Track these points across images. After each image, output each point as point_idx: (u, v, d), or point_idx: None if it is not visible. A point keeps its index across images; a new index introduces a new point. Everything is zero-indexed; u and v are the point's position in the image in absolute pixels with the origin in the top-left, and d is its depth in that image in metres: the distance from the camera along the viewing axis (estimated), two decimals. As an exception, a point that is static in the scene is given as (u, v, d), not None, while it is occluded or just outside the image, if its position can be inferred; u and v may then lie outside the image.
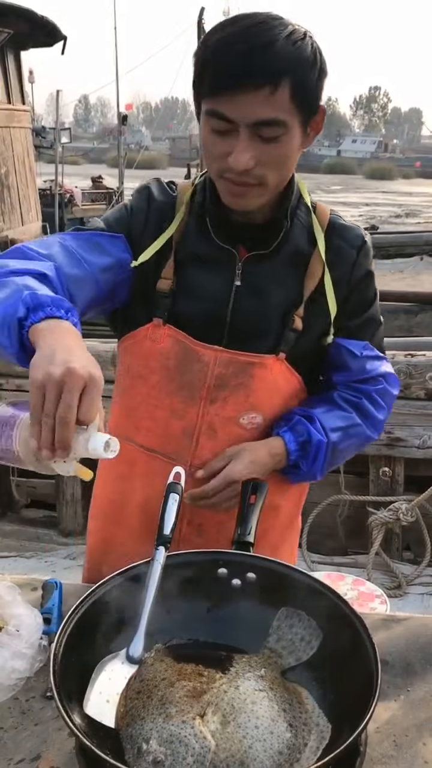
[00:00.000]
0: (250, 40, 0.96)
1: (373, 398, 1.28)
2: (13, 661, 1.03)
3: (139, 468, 1.28)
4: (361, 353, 1.26)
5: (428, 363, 3.02)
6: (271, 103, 0.98)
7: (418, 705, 1.00)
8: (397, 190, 38.01)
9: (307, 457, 1.20)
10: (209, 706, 0.83)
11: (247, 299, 1.18)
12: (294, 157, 1.08)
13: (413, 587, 3.01)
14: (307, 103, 1.02)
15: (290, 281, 1.19)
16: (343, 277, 1.21)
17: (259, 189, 1.07)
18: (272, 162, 1.04)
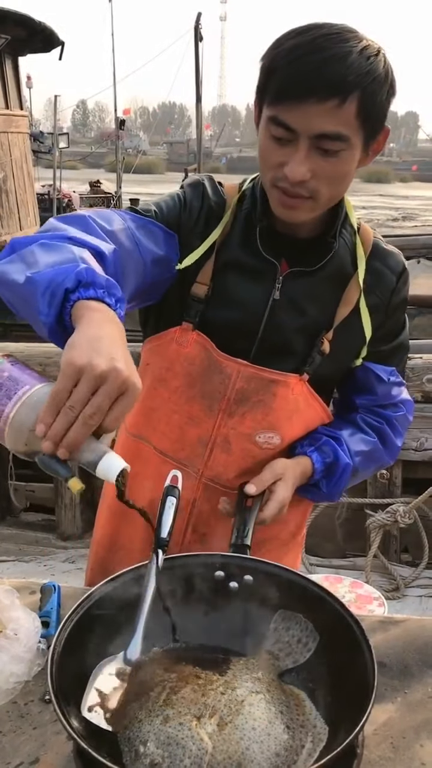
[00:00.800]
0: (323, 50, 0.94)
1: (394, 425, 1.29)
2: (11, 665, 1.03)
3: (151, 469, 1.26)
4: (388, 379, 1.26)
5: (425, 366, 3.03)
6: (337, 116, 0.96)
7: (415, 707, 1.01)
8: (394, 194, 38.09)
9: (331, 478, 1.21)
10: (206, 709, 0.83)
11: (283, 314, 1.16)
12: (351, 174, 1.05)
13: (411, 589, 3.01)
14: (372, 121, 1.00)
15: (326, 302, 1.18)
16: (381, 303, 1.20)
17: (311, 203, 1.05)
18: (328, 177, 1.02)
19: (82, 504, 3.56)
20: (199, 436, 1.21)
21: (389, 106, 1.02)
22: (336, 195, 1.07)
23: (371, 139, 1.03)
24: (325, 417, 1.25)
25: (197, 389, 1.19)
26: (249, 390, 1.17)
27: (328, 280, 1.17)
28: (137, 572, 0.97)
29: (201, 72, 11.86)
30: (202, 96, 11.99)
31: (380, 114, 1.01)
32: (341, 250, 1.17)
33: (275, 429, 1.19)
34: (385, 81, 0.98)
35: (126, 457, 1.33)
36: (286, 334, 1.17)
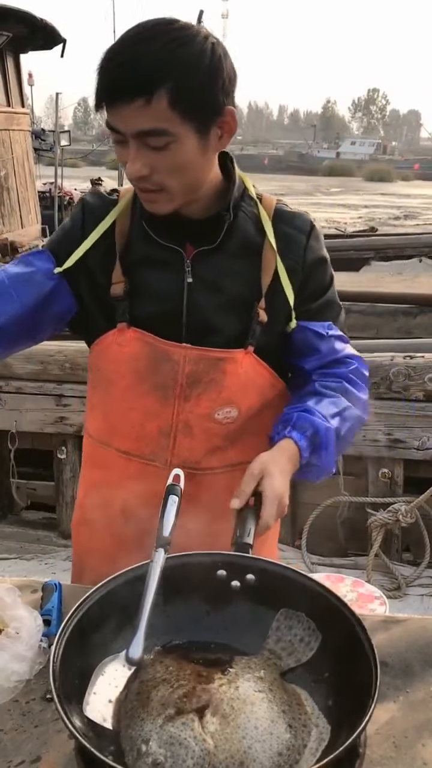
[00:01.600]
0: (123, 52, 0.99)
1: (352, 380, 1.26)
2: (13, 663, 1.03)
3: (117, 471, 1.28)
4: (327, 333, 1.26)
5: (427, 364, 3.03)
6: (148, 113, 0.99)
7: (417, 706, 1.00)
8: (396, 192, 38.05)
9: (320, 450, 1.17)
10: (209, 707, 0.83)
11: (201, 295, 1.19)
12: (194, 161, 1.07)
13: (413, 588, 3.01)
14: (196, 108, 1.02)
15: (245, 274, 1.20)
16: (296, 264, 1.21)
17: (165, 195, 1.09)
18: (167, 169, 1.05)
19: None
20: (160, 428, 1.23)
21: (222, 87, 1.04)
22: (188, 182, 1.09)
23: (207, 124, 1.05)
24: (275, 382, 1.26)
25: (148, 383, 1.21)
26: (199, 371, 1.19)
27: (239, 253, 1.19)
28: (139, 571, 0.97)
29: (203, 70, 11.84)
30: (203, 94, 11.98)
31: (204, 99, 1.03)
32: (243, 223, 1.19)
33: (231, 403, 1.22)
34: (198, 66, 1.00)
35: (94, 465, 1.34)
36: (209, 314, 1.19)
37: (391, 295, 6.31)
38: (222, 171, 1.20)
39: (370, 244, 9.74)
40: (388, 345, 3.54)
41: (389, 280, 7.48)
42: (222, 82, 1.04)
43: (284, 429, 1.18)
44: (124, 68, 0.98)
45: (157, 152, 1.03)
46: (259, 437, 1.24)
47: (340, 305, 1.31)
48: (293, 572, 0.99)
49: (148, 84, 0.98)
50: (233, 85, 1.08)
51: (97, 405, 1.32)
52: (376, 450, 3.08)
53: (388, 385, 3.03)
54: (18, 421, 3.46)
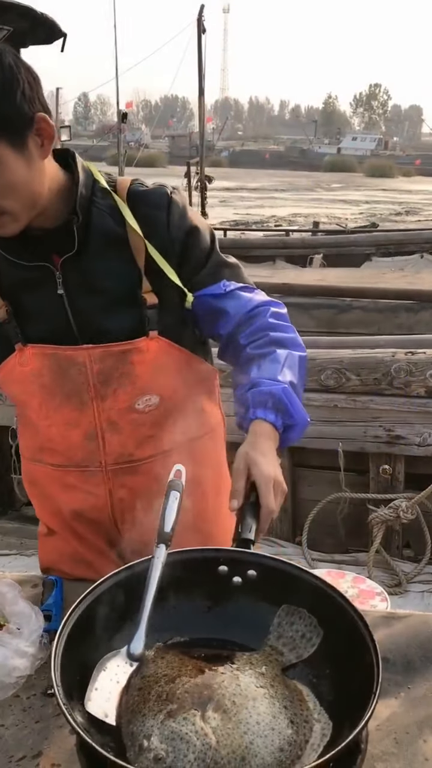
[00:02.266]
0: None
1: (274, 325, 1.22)
2: (13, 659, 1.04)
3: (56, 485, 1.30)
4: (225, 290, 1.22)
5: (428, 360, 3.03)
6: None
7: (418, 702, 1.00)
8: (397, 188, 37.99)
9: (288, 411, 1.14)
10: (210, 703, 0.83)
11: (82, 301, 1.18)
12: (21, 177, 1.05)
13: (413, 585, 3.01)
14: (3, 126, 1.01)
15: (118, 267, 1.18)
16: (164, 241, 1.18)
17: (8, 217, 1.07)
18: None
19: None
20: (85, 433, 1.22)
21: (17, 98, 1.02)
22: (26, 198, 1.07)
23: (20, 138, 1.03)
24: (191, 360, 1.26)
25: (59, 395, 1.20)
26: (108, 368, 1.18)
27: (103, 248, 1.17)
28: (141, 566, 0.97)
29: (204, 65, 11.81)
30: (204, 89, 11.94)
31: (8, 114, 1.01)
32: (99, 218, 1.17)
33: (149, 391, 1.21)
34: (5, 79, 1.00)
35: (34, 482, 1.36)
36: (96, 317, 1.18)
37: (393, 291, 6.31)
38: (66, 170, 1.17)
39: (371, 239, 9.73)
40: (390, 341, 3.54)
41: (390, 276, 7.48)
42: (22, 92, 1.03)
43: (246, 412, 1.15)
44: None
45: None
46: (192, 417, 1.25)
47: (232, 264, 1.27)
48: (295, 568, 0.99)
49: None
50: (35, 89, 1.06)
51: (21, 427, 1.34)
52: (377, 446, 3.08)
53: (390, 381, 3.03)
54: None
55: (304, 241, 9.87)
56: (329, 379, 3.08)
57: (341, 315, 6.31)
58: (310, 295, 6.44)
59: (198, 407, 1.25)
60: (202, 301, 1.22)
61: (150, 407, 1.23)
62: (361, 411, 3.07)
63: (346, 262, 8.72)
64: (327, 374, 3.08)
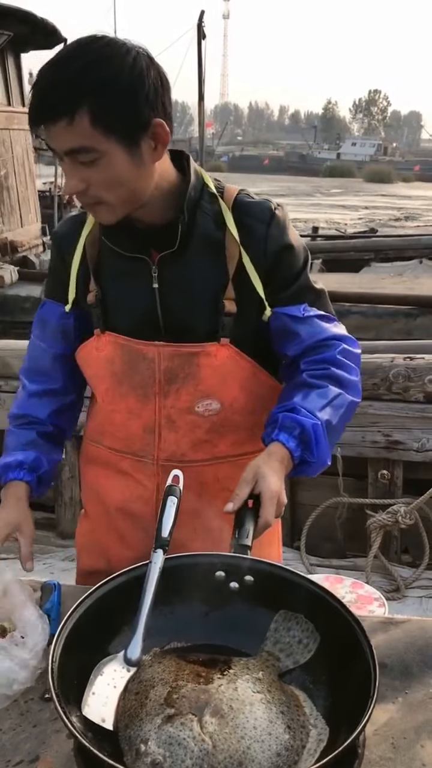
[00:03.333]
0: (48, 75, 1.03)
1: (339, 362, 1.23)
2: (16, 672, 1.03)
3: (112, 468, 1.33)
4: (303, 314, 1.24)
5: (427, 366, 3.03)
6: (72, 132, 1.03)
7: (416, 708, 1.01)
8: (396, 194, 38.07)
9: (310, 446, 1.16)
10: (207, 707, 0.83)
11: (172, 298, 1.22)
12: (127, 175, 1.08)
13: (412, 590, 3.01)
14: (119, 125, 1.04)
15: (211, 270, 1.21)
16: (258, 253, 1.21)
17: (105, 207, 1.12)
18: (101, 183, 1.08)
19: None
20: (144, 426, 1.26)
21: (141, 101, 1.05)
22: (127, 195, 1.11)
23: (135, 138, 1.07)
24: (259, 374, 1.27)
25: (126, 384, 1.25)
26: (175, 367, 1.22)
27: (202, 250, 1.20)
28: (138, 572, 0.97)
29: (204, 70, 11.84)
30: (204, 94, 11.97)
31: (126, 114, 1.04)
32: (202, 221, 1.20)
33: (211, 396, 1.23)
34: (115, 84, 1.02)
35: (90, 462, 1.41)
36: (184, 314, 1.22)
37: (392, 297, 6.32)
38: (179, 170, 1.21)
39: (370, 245, 9.74)
40: (389, 346, 3.53)
41: (389, 282, 7.49)
42: (146, 95, 1.05)
43: (272, 432, 1.17)
44: (46, 91, 1.03)
45: (89, 168, 1.06)
46: (250, 431, 1.26)
47: (319, 290, 1.28)
48: (292, 573, 1.00)
49: (67, 105, 1.01)
50: (161, 95, 1.08)
51: (91, 406, 1.40)
52: (376, 451, 3.08)
53: (388, 387, 3.03)
54: (17, 421, 3.46)
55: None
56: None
57: (340, 320, 6.31)
58: (309, 300, 6.43)
59: (259, 422, 1.23)
60: (278, 318, 1.24)
61: (210, 412, 1.24)
62: (360, 416, 3.07)
63: (345, 268, 8.73)
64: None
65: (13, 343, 3.52)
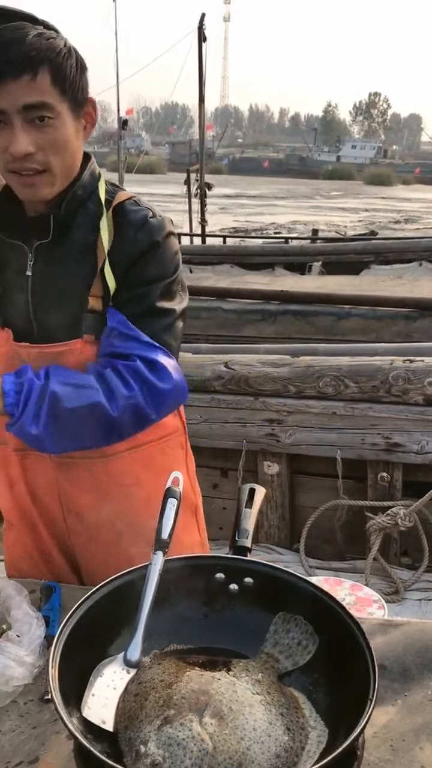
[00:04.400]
0: (7, 34, 1.10)
1: (120, 371, 1.18)
2: (13, 669, 1.03)
3: (16, 469, 1.33)
4: (112, 326, 1.21)
5: (427, 368, 3.03)
6: (34, 88, 1.09)
7: (415, 710, 1.01)
8: (396, 196, 38.10)
9: (19, 402, 1.14)
10: (207, 709, 0.83)
11: (42, 287, 1.24)
12: (72, 143, 1.17)
13: (411, 593, 3.01)
14: (70, 91, 1.13)
15: (81, 268, 1.24)
16: (123, 254, 1.23)
17: (48, 176, 1.16)
18: (50, 145, 1.13)
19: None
20: None
21: (85, 81, 1.17)
22: (67, 164, 1.17)
23: (79, 108, 1.17)
24: None
25: None
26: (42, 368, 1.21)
27: (76, 247, 1.24)
28: (138, 573, 0.97)
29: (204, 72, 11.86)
30: (205, 96, 11.98)
31: (76, 85, 1.15)
32: (80, 218, 1.24)
33: None
34: (69, 55, 1.13)
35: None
36: (48, 305, 1.24)
37: (392, 299, 6.32)
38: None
39: (370, 247, 9.75)
40: (388, 349, 3.54)
41: (389, 284, 7.49)
42: (85, 78, 1.17)
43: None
44: (10, 48, 1.08)
45: (41, 129, 1.11)
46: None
47: (160, 311, 1.23)
48: (291, 575, 1.00)
49: (32, 62, 1.08)
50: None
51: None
52: (375, 454, 3.08)
53: (388, 389, 3.03)
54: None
55: (304, 249, 9.89)
56: (328, 386, 3.08)
57: (340, 322, 6.32)
58: (309, 302, 6.44)
59: None
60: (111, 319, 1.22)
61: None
62: (360, 418, 3.07)
63: (345, 270, 8.73)
64: (325, 381, 3.08)
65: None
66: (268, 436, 3.17)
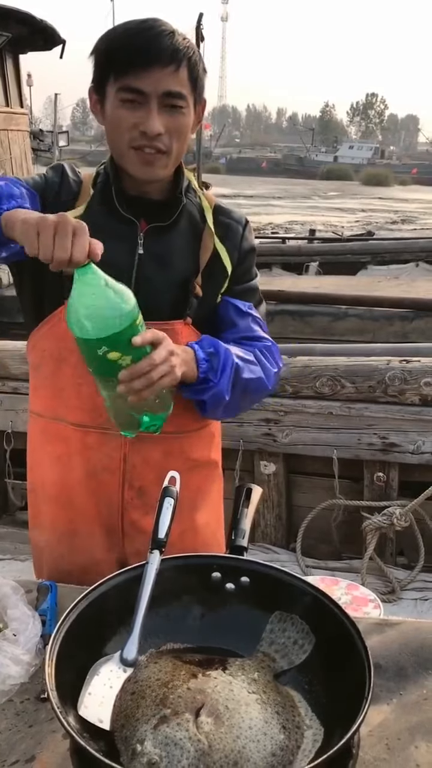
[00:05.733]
0: (153, 28, 1.19)
1: (263, 352, 1.36)
2: (9, 667, 1.03)
3: (74, 445, 1.34)
4: (247, 311, 1.37)
5: (423, 369, 3.04)
6: (176, 78, 1.19)
7: (410, 709, 1.01)
8: (393, 197, 38.13)
9: (215, 368, 1.24)
10: (203, 707, 0.83)
11: (150, 268, 1.29)
12: (189, 133, 1.26)
13: (407, 592, 3.02)
14: (198, 87, 1.23)
15: (188, 252, 1.32)
16: (233, 248, 1.36)
17: (165, 158, 1.23)
18: (176, 131, 1.21)
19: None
20: None
21: (204, 80, 1.26)
22: (181, 151, 1.26)
23: (197, 104, 1.26)
24: None
25: None
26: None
27: (184, 233, 1.33)
28: (134, 572, 0.98)
29: (202, 72, 11.86)
30: (202, 96, 11.99)
31: (201, 83, 1.25)
32: (190, 208, 1.34)
33: None
34: (200, 58, 1.23)
35: (46, 439, 1.39)
36: (157, 285, 1.29)
37: (388, 300, 6.34)
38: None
39: (367, 248, 9.77)
40: (385, 349, 3.55)
41: (386, 285, 7.50)
42: (205, 79, 1.26)
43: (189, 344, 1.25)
44: (163, 39, 1.17)
45: (172, 114, 1.20)
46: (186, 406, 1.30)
47: (262, 298, 1.44)
48: (287, 575, 1.00)
49: (178, 55, 1.18)
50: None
51: (45, 384, 1.36)
52: (372, 453, 3.09)
53: (384, 389, 3.04)
54: (14, 422, 3.46)
55: (301, 249, 9.90)
56: (324, 386, 3.09)
57: (337, 323, 6.33)
58: (306, 302, 6.46)
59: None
60: (225, 305, 1.36)
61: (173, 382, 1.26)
62: (356, 418, 3.08)
63: (342, 270, 8.75)
64: (322, 381, 3.09)
65: (11, 344, 3.52)
66: (265, 435, 3.17)
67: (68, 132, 14.95)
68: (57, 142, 12.60)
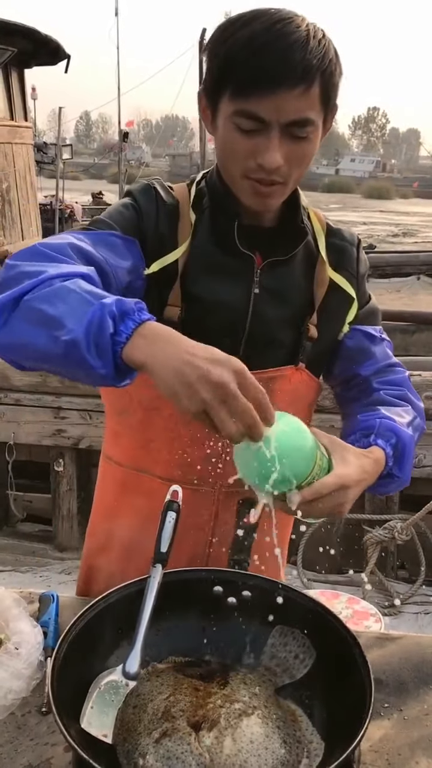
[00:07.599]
0: (284, 36, 0.93)
1: (409, 385, 1.23)
2: (10, 681, 1.03)
3: (160, 500, 1.10)
4: (379, 335, 1.23)
5: (424, 383, 3.05)
6: (304, 101, 0.96)
7: (411, 724, 1.01)
8: (394, 210, 38.27)
9: (400, 460, 1.10)
10: (205, 722, 0.84)
11: (266, 307, 1.13)
12: (313, 156, 1.05)
13: (408, 606, 3.01)
14: (331, 102, 1.01)
15: (305, 287, 1.17)
16: (350, 275, 1.21)
17: (282, 188, 1.05)
18: (298, 160, 1.02)
19: (79, 515, 3.56)
20: (207, 454, 1.13)
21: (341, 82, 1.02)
22: (300, 176, 1.06)
23: (327, 122, 1.04)
24: (320, 391, 1.26)
25: None
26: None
27: (300, 265, 1.16)
28: (137, 586, 0.98)
29: (205, 86, 11.94)
30: (205, 110, 12.07)
31: (336, 93, 1.01)
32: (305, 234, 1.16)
33: None
34: (337, 61, 0.99)
35: (128, 491, 1.24)
36: (272, 326, 1.14)
37: (389, 313, 6.35)
38: None
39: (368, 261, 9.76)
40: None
41: (387, 298, 7.53)
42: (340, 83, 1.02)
43: (368, 437, 1.09)
44: (295, 54, 0.93)
45: (295, 143, 0.99)
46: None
47: (380, 315, 1.29)
48: (288, 589, 1.00)
49: (311, 72, 0.94)
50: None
51: (129, 433, 1.22)
52: (373, 467, 3.09)
53: (385, 403, 3.05)
54: (16, 433, 3.47)
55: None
56: (326, 399, 3.07)
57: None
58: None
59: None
60: (354, 335, 1.22)
61: None
62: (357, 432, 3.09)
63: (344, 283, 8.75)
64: (323, 395, 3.08)
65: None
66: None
67: (72, 145, 15.02)
68: (60, 155, 12.68)
